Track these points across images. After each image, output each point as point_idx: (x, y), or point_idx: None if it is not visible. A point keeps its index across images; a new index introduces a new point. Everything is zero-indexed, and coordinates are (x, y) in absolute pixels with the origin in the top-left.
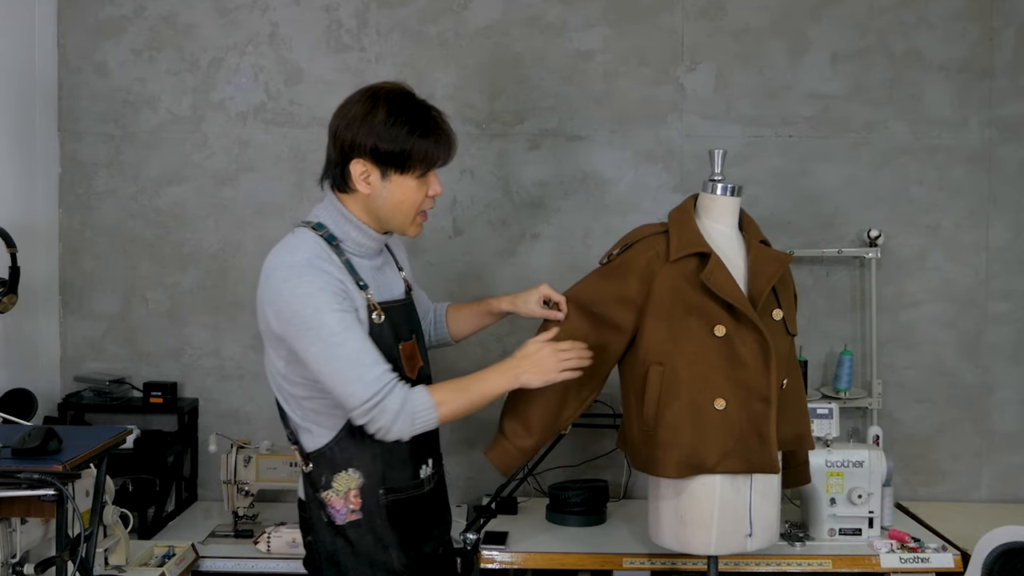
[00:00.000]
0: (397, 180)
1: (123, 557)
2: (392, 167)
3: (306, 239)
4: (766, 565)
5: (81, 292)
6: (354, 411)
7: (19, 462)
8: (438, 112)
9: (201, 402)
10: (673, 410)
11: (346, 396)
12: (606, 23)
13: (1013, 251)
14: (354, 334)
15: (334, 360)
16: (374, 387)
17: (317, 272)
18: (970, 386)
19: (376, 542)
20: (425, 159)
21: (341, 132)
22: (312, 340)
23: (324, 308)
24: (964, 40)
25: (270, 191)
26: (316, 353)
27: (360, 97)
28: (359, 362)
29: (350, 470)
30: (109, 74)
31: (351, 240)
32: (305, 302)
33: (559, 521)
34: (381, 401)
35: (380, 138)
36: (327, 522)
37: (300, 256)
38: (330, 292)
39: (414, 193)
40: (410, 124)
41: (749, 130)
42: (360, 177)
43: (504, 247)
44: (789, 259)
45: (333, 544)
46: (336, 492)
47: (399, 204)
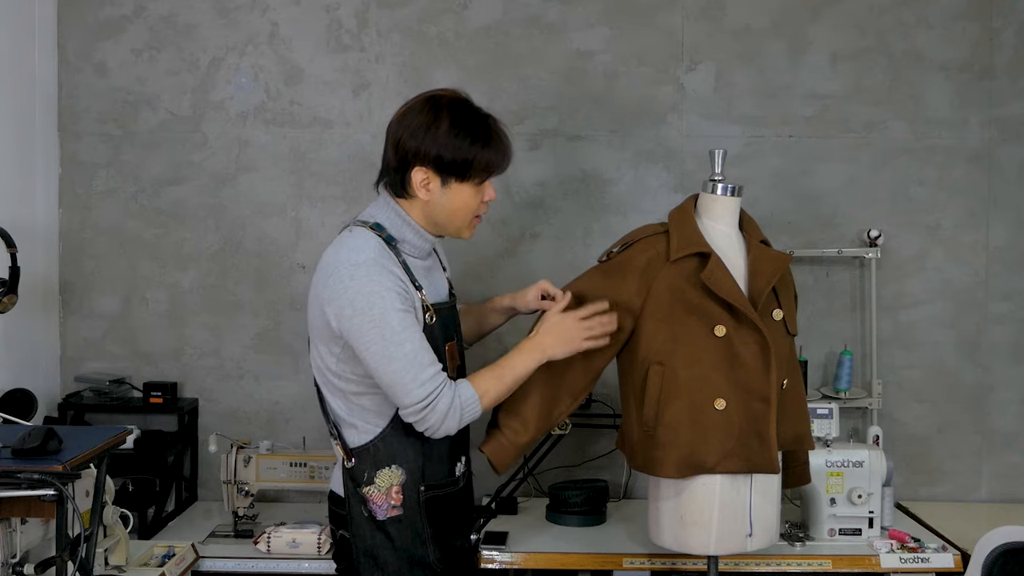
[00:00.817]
0: (456, 188)
1: (123, 557)
2: (453, 175)
3: (368, 239)
4: (766, 565)
5: (81, 292)
6: (406, 409)
7: (19, 462)
8: (495, 120)
9: (201, 402)
10: (673, 410)
11: (401, 395)
12: (606, 23)
13: (1013, 251)
14: (414, 334)
15: (394, 360)
16: (428, 388)
17: (383, 271)
18: (970, 386)
19: (415, 537)
20: (486, 168)
21: (405, 141)
22: (374, 339)
23: (389, 307)
24: (964, 40)
25: (270, 191)
26: (376, 352)
27: (422, 106)
28: (417, 362)
29: (393, 467)
30: (109, 74)
31: (407, 242)
32: (371, 300)
33: (559, 521)
34: (433, 401)
35: (444, 148)
36: (368, 517)
37: (365, 255)
38: (395, 292)
39: (471, 200)
40: (472, 134)
41: (749, 130)
42: (421, 184)
43: (504, 247)
44: (789, 259)
45: (373, 539)
46: (378, 488)
47: (457, 210)
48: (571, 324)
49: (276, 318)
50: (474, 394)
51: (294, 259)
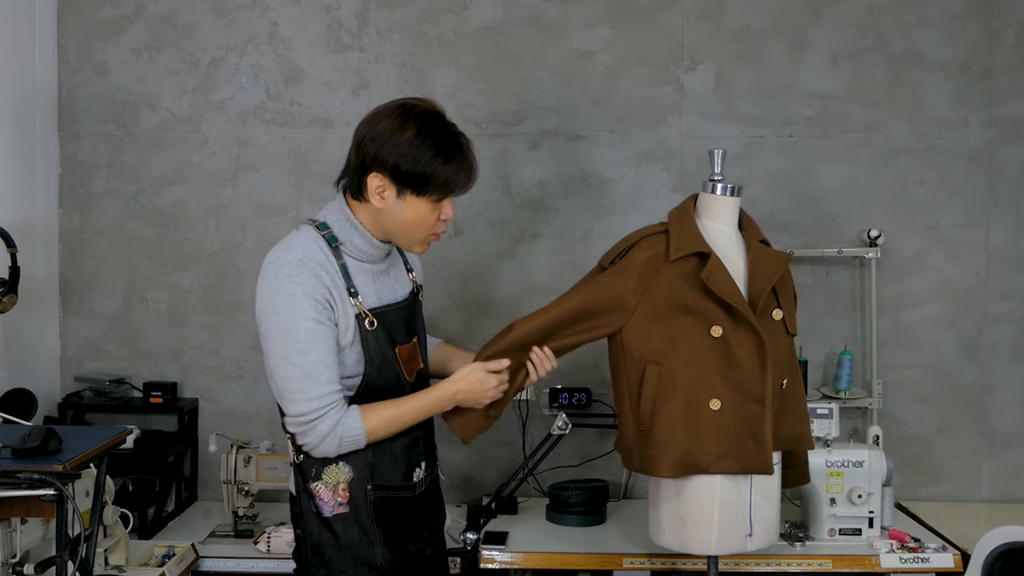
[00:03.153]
0: (412, 201)
1: (123, 557)
2: (409, 188)
3: (307, 237)
4: (766, 565)
5: (81, 292)
6: (290, 418)
7: (19, 462)
8: (466, 139)
9: (201, 402)
10: (669, 409)
11: (288, 403)
12: (606, 23)
13: (1013, 251)
14: (319, 347)
15: (290, 366)
16: (314, 405)
17: (306, 274)
18: (970, 386)
19: (361, 536)
20: (444, 185)
21: (366, 143)
22: (278, 339)
23: (299, 314)
24: (964, 40)
25: (270, 191)
26: (276, 353)
27: (391, 111)
28: (312, 377)
29: (340, 463)
30: (109, 74)
31: (352, 245)
32: (284, 302)
33: (559, 521)
34: (315, 420)
35: (403, 157)
36: (315, 512)
37: (294, 255)
38: (311, 299)
39: (426, 216)
40: (436, 147)
41: (749, 130)
42: (375, 191)
43: (504, 247)
44: (789, 259)
45: (319, 535)
46: (325, 484)
47: (409, 224)
48: (488, 382)
49: None
50: (361, 427)
51: None
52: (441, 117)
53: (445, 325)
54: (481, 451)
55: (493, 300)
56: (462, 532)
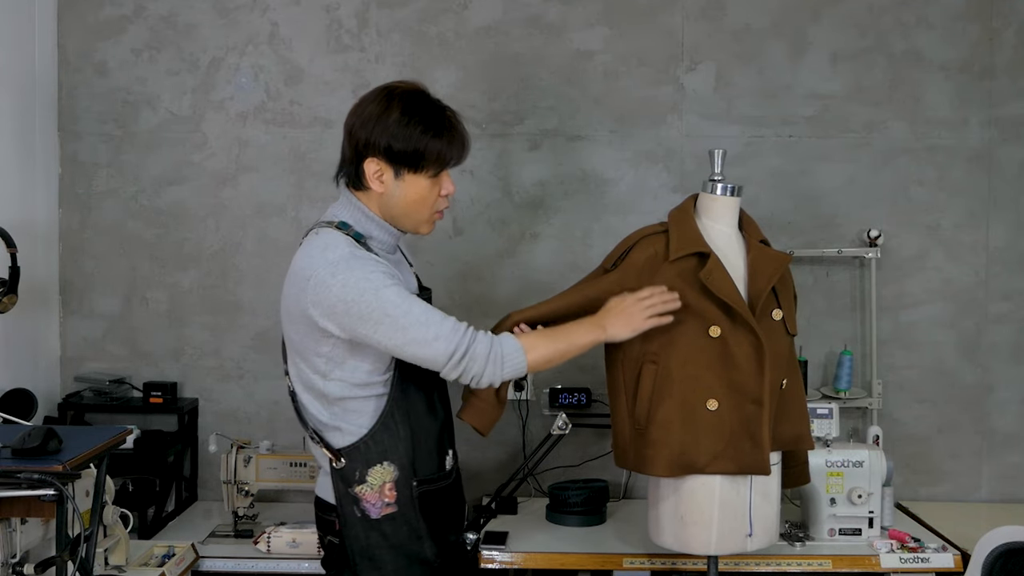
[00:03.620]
0: (410, 179)
1: (123, 557)
2: (405, 166)
3: (337, 238)
4: (766, 565)
5: (81, 292)
6: (444, 367)
7: (19, 462)
8: (452, 112)
9: (201, 402)
10: (665, 409)
11: (431, 356)
12: (606, 23)
13: (1013, 251)
14: (414, 300)
15: (407, 329)
16: (455, 337)
17: (362, 261)
18: (970, 386)
19: (411, 533)
20: (438, 159)
21: (356, 130)
22: (379, 320)
23: (380, 286)
24: (964, 40)
25: (270, 191)
26: (386, 330)
27: (375, 96)
28: (431, 321)
29: (385, 463)
30: (109, 74)
31: (376, 240)
32: (360, 286)
33: (559, 521)
34: (468, 349)
35: (394, 137)
36: (361, 517)
37: (339, 252)
38: (380, 272)
39: (427, 192)
40: (424, 124)
41: (749, 130)
42: (374, 176)
43: (504, 247)
44: (789, 259)
45: (367, 539)
46: (371, 487)
47: (413, 203)
48: (632, 305)
49: (276, 318)
50: (517, 345)
51: None
52: (425, 94)
53: None
54: (481, 451)
55: (493, 300)
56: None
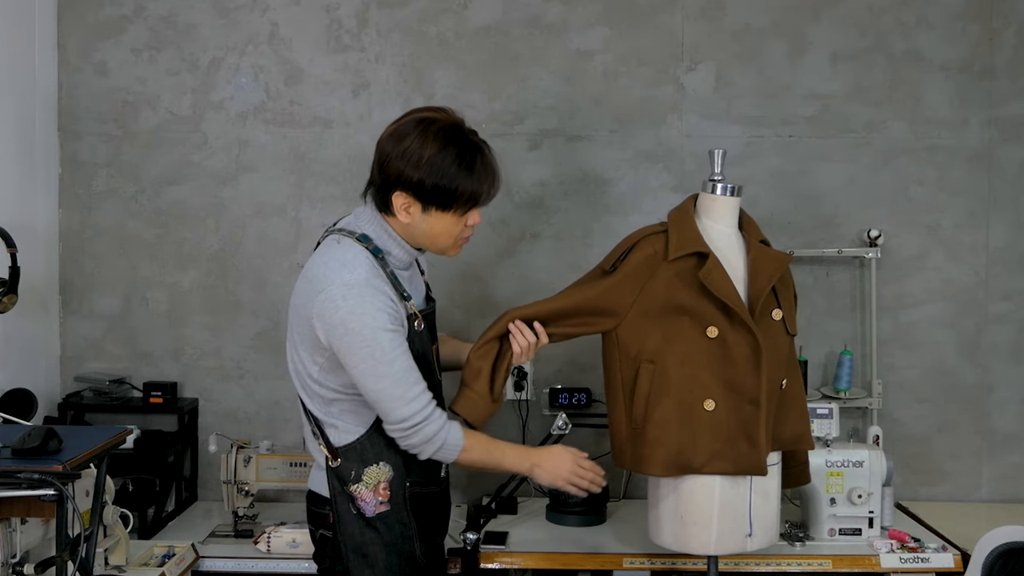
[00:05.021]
0: (437, 216)
1: (123, 557)
2: (434, 204)
3: (359, 255)
4: (766, 565)
5: (81, 292)
6: (393, 425)
7: (19, 462)
8: (487, 148)
9: (201, 402)
10: (662, 408)
11: (389, 412)
12: (606, 23)
13: (1013, 251)
14: (403, 354)
15: (382, 378)
16: (416, 407)
17: (375, 292)
18: (970, 386)
19: (403, 532)
20: (470, 199)
21: (390, 163)
22: (364, 357)
23: (380, 328)
24: (964, 40)
25: (270, 191)
26: (365, 370)
27: (412, 128)
28: (403, 382)
29: (381, 463)
30: (109, 74)
31: (394, 256)
32: (363, 321)
33: (559, 521)
34: (422, 423)
35: (427, 175)
36: (356, 514)
37: (358, 275)
38: (385, 313)
39: (453, 227)
40: (458, 163)
41: (749, 130)
42: (401, 208)
43: (504, 247)
44: (789, 259)
45: (362, 536)
46: (366, 485)
47: (438, 236)
48: (568, 463)
49: (276, 318)
50: (460, 442)
51: (294, 259)
52: (460, 129)
53: (445, 325)
54: None
55: (493, 300)
56: (462, 532)
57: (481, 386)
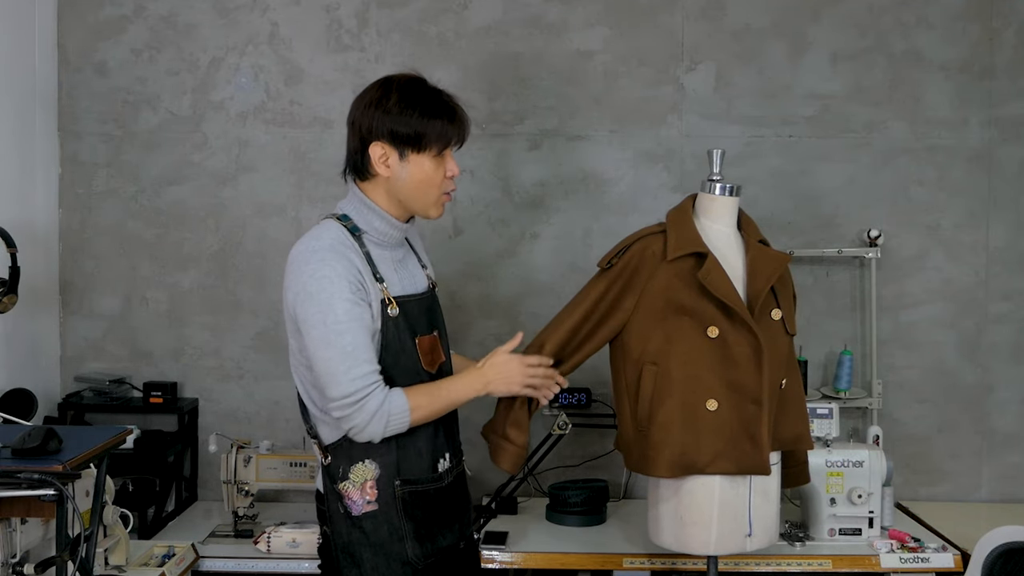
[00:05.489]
0: (415, 160)
1: (123, 557)
2: (409, 147)
3: (330, 228)
4: (766, 565)
5: (81, 292)
6: (335, 402)
7: (19, 462)
8: (449, 95)
9: (201, 402)
10: (665, 410)
11: (330, 385)
12: (606, 23)
13: (1013, 251)
14: (356, 327)
15: (330, 347)
16: (359, 384)
17: (339, 257)
18: (970, 386)
19: (391, 533)
20: (440, 137)
21: (358, 119)
22: (316, 323)
23: (337, 295)
24: (964, 40)
25: (270, 191)
26: (316, 337)
27: (375, 86)
28: (352, 356)
29: (366, 461)
30: (109, 74)
31: (374, 230)
32: (321, 284)
33: (559, 521)
34: (360, 401)
35: (396, 121)
36: (344, 513)
37: (323, 241)
38: (346, 280)
39: (432, 172)
40: (422, 106)
41: (749, 130)
42: (380, 160)
43: (504, 247)
44: (788, 259)
45: (349, 535)
46: (353, 483)
47: (419, 184)
48: (516, 367)
49: (276, 318)
50: (406, 405)
51: None
52: (422, 81)
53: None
54: (481, 451)
55: (493, 300)
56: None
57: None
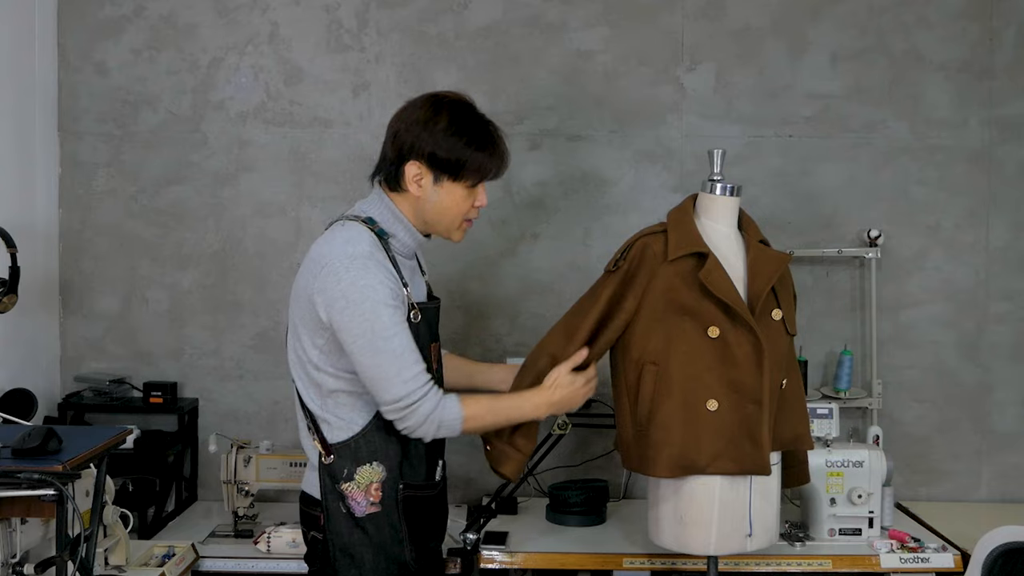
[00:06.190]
0: (448, 187)
1: (123, 557)
2: (446, 173)
3: (362, 233)
4: (766, 565)
5: (81, 292)
6: (388, 406)
7: (19, 462)
8: (496, 127)
9: (201, 402)
10: (666, 410)
11: (383, 390)
12: (606, 23)
13: (1013, 251)
14: (403, 331)
15: (380, 354)
16: (413, 386)
17: (378, 266)
18: (970, 386)
19: (393, 535)
20: (479, 171)
21: (402, 134)
22: (363, 332)
23: (381, 302)
24: (964, 40)
25: (270, 191)
26: (363, 345)
27: (424, 103)
28: (403, 359)
29: (374, 463)
30: (109, 74)
31: (397, 239)
32: (364, 293)
33: (559, 521)
34: (417, 402)
35: (439, 145)
36: (346, 513)
37: (361, 248)
38: (387, 287)
39: (462, 202)
40: (469, 135)
41: (749, 130)
42: (413, 179)
43: (504, 247)
44: (788, 259)
45: (350, 536)
46: (358, 485)
47: (447, 209)
48: (580, 386)
49: (276, 318)
50: (460, 413)
51: (294, 259)
52: (471, 107)
53: (445, 325)
54: (481, 451)
55: (493, 300)
56: (462, 532)
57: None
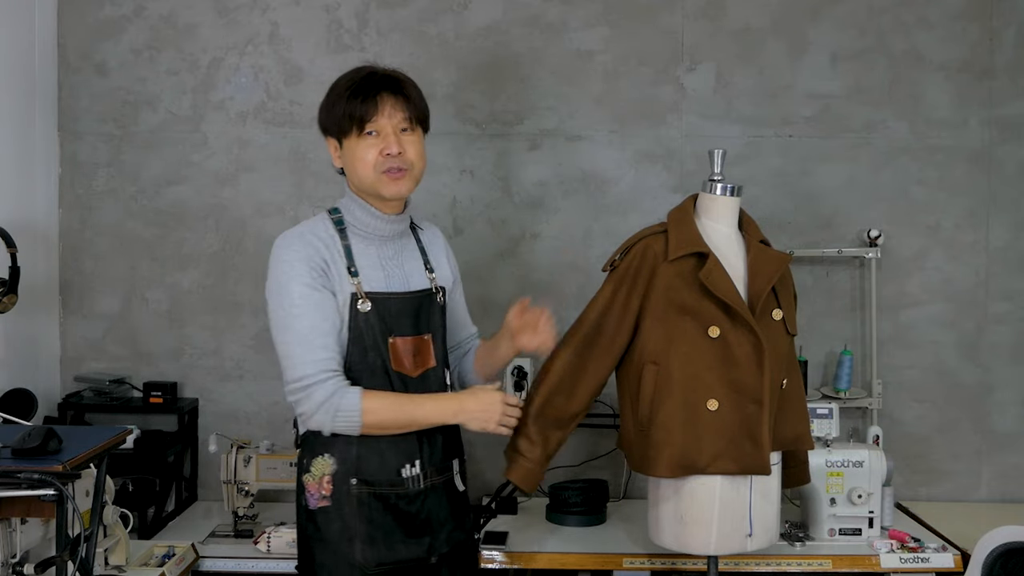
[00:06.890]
0: (347, 145)
1: (123, 557)
2: (335, 136)
3: (314, 219)
4: (766, 565)
5: (81, 292)
6: (287, 386)
7: (19, 462)
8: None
9: (201, 402)
10: (666, 410)
11: (285, 368)
12: (606, 23)
13: (1013, 251)
14: (313, 312)
15: (287, 330)
16: (311, 369)
17: (304, 244)
18: (970, 386)
19: (341, 531)
20: (352, 117)
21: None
22: (276, 306)
23: (295, 278)
24: (964, 40)
25: (270, 191)
26: (275, 321)
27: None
28: (307, 341)
29: (326, 455)
30: (109, 74)
31: (359, 222)
32: (282, 268)
33: (559, 521)
34: (310, 387)
35: (324, 117)
36: (303, 505)
37: (296, 229)
38: (307, 265)
39: (365, 152)
40: (337, 93)
41: (749, 130)
42: (334, 156)
43: (504, 247)
44: (789, 259)
45: (305, 528)
46: (312, 476)
47: (356, 167)
48: (497, 407)
49: None
50: (358, 406)
51: None
52: (356, 68)
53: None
54: (481, 451)
55: (493, 300)
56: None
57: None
